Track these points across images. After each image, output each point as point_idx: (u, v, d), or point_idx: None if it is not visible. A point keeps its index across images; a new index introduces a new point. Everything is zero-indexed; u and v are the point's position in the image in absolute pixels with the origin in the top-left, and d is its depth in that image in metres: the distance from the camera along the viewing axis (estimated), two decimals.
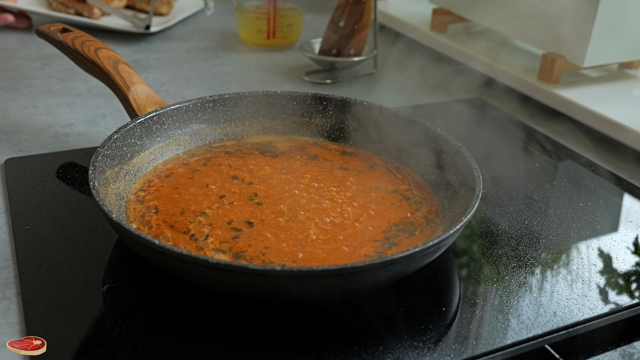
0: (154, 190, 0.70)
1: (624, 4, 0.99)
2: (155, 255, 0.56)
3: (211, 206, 0.68)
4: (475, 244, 0.71)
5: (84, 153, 0.83)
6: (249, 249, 0.61)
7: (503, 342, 0.56)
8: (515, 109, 1.07)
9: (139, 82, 0.80)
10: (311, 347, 0.54)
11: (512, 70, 1.10)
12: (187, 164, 0.76)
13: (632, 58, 1.08)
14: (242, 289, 0.56)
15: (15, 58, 1.15)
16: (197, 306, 0.58)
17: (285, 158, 0.78)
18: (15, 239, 0.66)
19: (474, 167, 0.69)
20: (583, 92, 1.03)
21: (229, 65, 1.19)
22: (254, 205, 0.68)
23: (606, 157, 0.94)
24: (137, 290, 0.60)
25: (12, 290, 0.61)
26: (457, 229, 0.59)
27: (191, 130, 0.79)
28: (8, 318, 0.57)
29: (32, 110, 0.97)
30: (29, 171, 0.78)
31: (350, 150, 0.81)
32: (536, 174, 0.85)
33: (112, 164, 0.69)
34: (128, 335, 0.55)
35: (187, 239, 0.62)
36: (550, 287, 0.64)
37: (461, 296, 0.62)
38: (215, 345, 0.54)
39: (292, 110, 0.83)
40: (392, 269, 0.55)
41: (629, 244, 0.72)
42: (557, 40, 1.04)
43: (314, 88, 1.11)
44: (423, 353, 0.55)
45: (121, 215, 0.65)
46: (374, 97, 1.08)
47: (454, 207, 0.68)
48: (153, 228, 0.64)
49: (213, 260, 0.52)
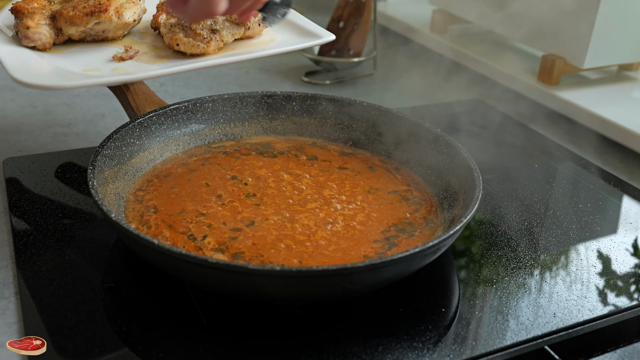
0: (152, 190, 0.70)
1: (623, 6, 0.99)
2: (154, 255, 0.56)
3: (210, 206, 0.68)
4: (475, 245, 0.71)
5: (82, 153, 0.83)
6: (247, 250, 0.61)
7: (502, 343, 0.56)
8: (515, 110, 1.07)
9: (138, 82, 0.80)
10: (310, 348, 0.54)
11: (512, 71, 1.10)
12: (186, 164, 0.75)
13: (631, 60, 1.08)
14: (241, 289, 0.56)
15: None
16: (197, 306, 0.58)
17: (283, 158, 0.78)
18: (13, 238, 0.66)
19: (474, 168, 0.68)
20: (583, 94, 1.03)
21: (228, 66, 1.19)
22: (253, 205, 0.68)
23: (606, 158, 0.94)
24: (136, 290, 0.60)
25: (11, 290, 0.60)
26: (456, 230, 0.59)
27: (190, 131, 0.79)
28: (7, 318, 0.57)
29: (31, 110, 0.96)
30: (27, 171, 0.78)
31: (349, 150, 0.81)
32: (535, 176, 0.85)
33: (111, 163, 0.69)
34: (127, 335, 0.55)
35: (185, 239, 0.62)
36: (550, 288, 0.64)
37: (460, 297, 0.62)
38: (214, 346, 0.54)
39: (291, 111, 0.83)
40: (392, 269, 0.55)
41: (628, 246, 0.72)
42: (557, 41, 1.04)
43: (313, 89, 1.11)
44: (422, 353, 0.55)
45: (120, 215, 0.65)
46: (373, 98, 1.08)
47: (453, 208, 0.68)
48: (152, 228, 0.64)
49: (212, 260, 0.52)
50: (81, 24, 0.73)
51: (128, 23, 0.77)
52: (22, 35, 0.73)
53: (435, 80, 1.18)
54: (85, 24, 0.74)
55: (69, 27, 0.73)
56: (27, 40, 0.72)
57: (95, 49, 0.76)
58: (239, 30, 0.67)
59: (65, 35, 0.75)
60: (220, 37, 0.65)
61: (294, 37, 0.79)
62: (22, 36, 0.73)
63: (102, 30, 0.76)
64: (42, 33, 0.72)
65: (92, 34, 0.76)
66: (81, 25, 0.73)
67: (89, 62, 0.73)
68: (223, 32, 0.66)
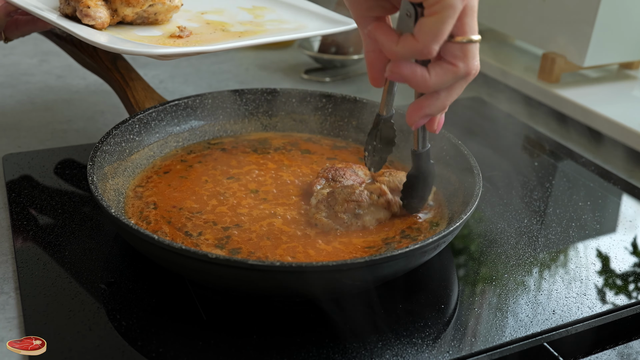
0: (152, 186, 0.70)
1: (624, 5, 0.99)
2: (154, 250, 0.56)
3: (207, 202, 0.68)
4: (474, 242, 0.71)
5: (82, 149, 0.83)
6: (244, 245, 0.61)
7: (501, 340, 0.56)
8: (515, 108, 1.07)
9: (137, 79, 0.80)
10: (310, 343, 0.54)
11: (512, 69, 1.10)
12: (185, 160, 0.75)
13: (632, 58, 1.08)
14: (240, 285, 0.56)
15: (14, 54, 1.15)
16: (196, 302, 0.58)
17: (277, 154, 0.78)
18: (13, 234, 0.66)
19: (474, 166, 0.68)
20: (583, 92, 1.03)
21: (227, 63, 1.19)
22: (250, 201, 0.68)
23: (605, 156, 0.94)
24: (135, 285, 0.60)
25: (11, 285, 0.60)
26: (456, 226, 0.59)
27: (190, 127, 0.79)
28: (6, 313, 0.57)
29: (30, 107, 0.96)
30: (27, 167, 0.78)
31: (343, 144, 0.81)
32: (535, 173, 0.85)
33: (110, 160, 0.69)
34: (127, 330, 0.55)
35: (182, 235, 0.62)
36: (549, 286, 0.64)
37: (460, 294, 0.62)
38: (214, 341, 0.54)
39: (291, 108, 0.83)
40: (391, 266, 0.55)
41: (627, 244, 0.72)
42: (557, 40, 1.04)
43: (313, 86, 1.11)
44: (422, 350, 0.55)
45: (120, 211, 0.65)
46: (373, 95, 1.08)
47: (452, 206, 0.68)
48: (151, 223, 0.64)
49: (212, 255, 0.52)
50: (137, 5, 0.76)
51: (177, 6, 0.81)
52: (83, 14, 0.74)
53: None
54: (141, 6, 0.77)
55: (125, 8, 0.76)
56: (88, 18, 0.74)
57: (146, 29, 0.79)
58: (385, 215, 0.66)
59: (120, 16, 0.77)
60: (362, 223, 0.65)
61: (323, 23, 0.83)
62: (83, 15, 0.74)
63: (154, 13, 0.79)
64: (102, 12, 0.75)
65: (145, 15, 0.79)
66: (137, 7, 0.77)
67: (150, 39, 0.76)
68: (366, 218, 0.65)
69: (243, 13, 0.86)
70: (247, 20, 0.83)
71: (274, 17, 0.85)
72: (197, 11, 0.85)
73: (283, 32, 0.80)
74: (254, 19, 0.84)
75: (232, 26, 0.81)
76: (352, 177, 0.69)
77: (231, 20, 0.83)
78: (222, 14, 0.85)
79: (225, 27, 0.80)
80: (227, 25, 0.81)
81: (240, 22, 0.83)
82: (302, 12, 0.86)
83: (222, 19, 0.83)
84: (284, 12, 0.87)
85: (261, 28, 0.81)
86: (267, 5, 0.89)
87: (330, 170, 0.70)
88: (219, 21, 0.82)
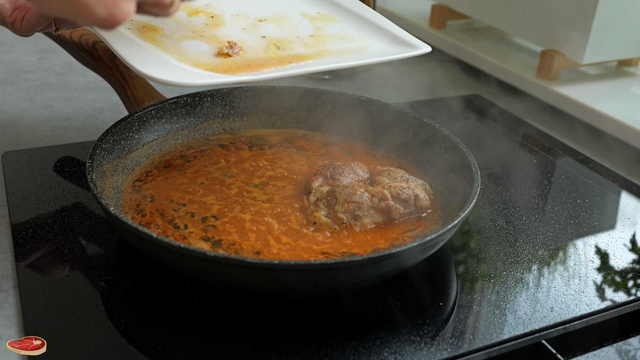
0: (151, 179, 0.70)
1: (623, 2, 0.99)
2: (152, 248, 0.56)
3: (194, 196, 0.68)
4: (473, 239, 0.71)
5: (81, 147, 0.83)
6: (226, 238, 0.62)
7: (500, 337, 0.56)
8: (514, 105, 1.07)
9: (136, 77, 0.80)
10: (308, 341, 0.55)
11: (511, 66, 1.10)
12: (184, 155, 0.76)
13: (631, 55, 1.08)
14: (238, 283, 0.56)
15: (13, 52, 1.15)
16: (195, 300, 0.58)
17: (273, 151, 0.78)
18: (12, 231, 0.66)
19: (472, 163, 0.69)
20: (582, 89, 1.03)
21: None
22: (242, 196, 0.68)
23: (604, 154, 0.94)
24: (134, 283, 0.60)
25: (10, 283, 0.61)
26: (454, 224, 0.59)
27: (189, 124, 0.79)
28: (5, 311, 0.57)
29: (30, 104, 0.96)
30: (26, 165, 0.78)
31: (335, 140, 0.81)
32: (534, 171, 0.85)
33: (109, 157, 0.69)
34: (125, 328, 0.55)
35: (172, 228, 0.63)
36: (548, 283, 0.64)
37: (458, 292, 0.62)
38: (213, 339, 0.54)
39: (290, 105, 0.83)
40: (390, 263, 0.55)
41: (626, 241, 0.72)
42: (556, 37, 1.04)
43: (312, 83, 1.11)
44: (420, 347, 0.55)
45: (118, 206, 0.65)
46: (372, 93, 1.08)
47: (451, 203, 0.68)
48: (146, 216, 0.64)
49: (211, 254, 0.52)
50: None
51: None
52: None
53: (434, 75, 1.18)
54: None
55: None
56: None
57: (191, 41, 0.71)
58: (384, 220, 0.66)
59: None
60: (360, 225, 0.65)
61: (389, 46, 0.74)
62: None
63: None
64: None
65: None
66: None
67: (195, 57, 0.69)
68: (365, 220, 0.65)
69: (304, 23, 0.76)
70: (307, 34, 0.74)
71: (337, 30, 0.76)
72: (255, 17, 0.76)
73: (343, 52, 0.71)
74: (314, 33, 0.75)
75: (289, 43, 0.72)
76: (351, 175, 0.69)
77: (289, 36, 0.73)
78: (281, 24, 0.76)
79: (282, 44, 0.72)
80: (284, 42, 0.72)
81: (298, 36, 0.73)
82: (369, 27, 0.76)
83: (278, 35, 0.73)
84: (348, 23, 0.77)
85: (320, 48, 0.72)
86: (332, 13, 0.79)
87: (328, 168, 0.70)
88: (275, 37, 0.73)
